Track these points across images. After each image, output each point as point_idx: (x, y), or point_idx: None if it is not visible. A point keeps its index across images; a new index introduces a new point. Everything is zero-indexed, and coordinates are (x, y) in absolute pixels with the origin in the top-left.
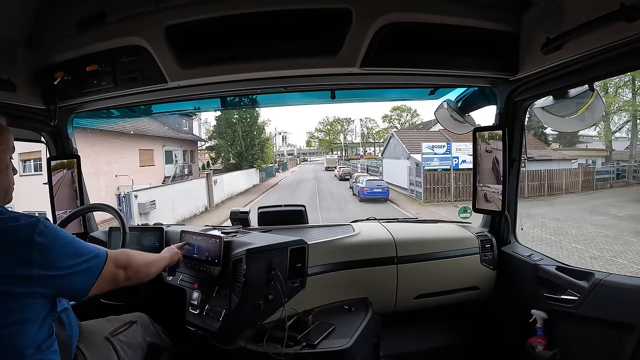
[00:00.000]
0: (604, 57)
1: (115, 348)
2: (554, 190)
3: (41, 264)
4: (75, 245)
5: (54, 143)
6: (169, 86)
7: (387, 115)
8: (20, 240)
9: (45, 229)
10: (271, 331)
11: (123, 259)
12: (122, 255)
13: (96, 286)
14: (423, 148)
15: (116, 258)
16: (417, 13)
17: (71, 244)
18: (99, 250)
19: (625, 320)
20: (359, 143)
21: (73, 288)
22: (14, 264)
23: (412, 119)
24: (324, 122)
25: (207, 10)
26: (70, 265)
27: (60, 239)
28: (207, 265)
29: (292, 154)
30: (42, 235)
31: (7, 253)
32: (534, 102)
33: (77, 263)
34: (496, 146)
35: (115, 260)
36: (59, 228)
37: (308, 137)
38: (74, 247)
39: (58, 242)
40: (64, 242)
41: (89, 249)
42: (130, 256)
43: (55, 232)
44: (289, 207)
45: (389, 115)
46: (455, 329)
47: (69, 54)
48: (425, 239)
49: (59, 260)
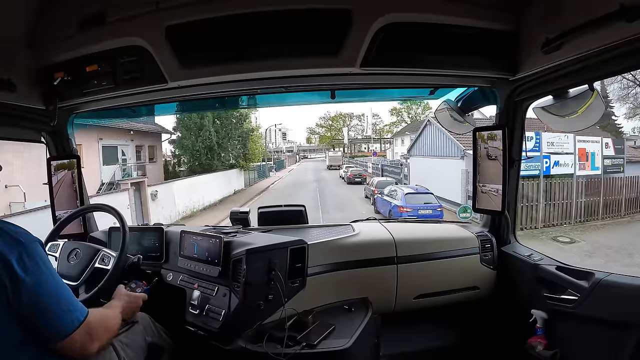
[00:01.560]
0: (604, 57)
1: (116, 349)
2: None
3: (14, 290)
4: (57, 284)
5: (54, 143)
6: (169, 86)
7: (396, 108)
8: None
9: (27, 260)
10: (271, 331)
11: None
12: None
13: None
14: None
15: (91, 327)
16: (417, 13)
17: (53, 281)
18: (81, 307)
19: (625, 320)
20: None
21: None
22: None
23: (423, 112)
24: (325, 118)
25: (207, 10)
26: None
27: (42, 271)
28: (207, 265)
29: (292, 151)
30: (22, 268)
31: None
32: (533, 102)
33: (53, 302)
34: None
35: (89, 329)
36: (42, 261)
37: (308, 133)
38: (55, 285)
39: (38, 281)
40: (45, 275)
41: (71, 298)
42: (108, 327)
43: (38, 267)
44: (289, 207)
45: (398, 108)
46: (455, 329)
47: (69, 54)
48: (425, 239)
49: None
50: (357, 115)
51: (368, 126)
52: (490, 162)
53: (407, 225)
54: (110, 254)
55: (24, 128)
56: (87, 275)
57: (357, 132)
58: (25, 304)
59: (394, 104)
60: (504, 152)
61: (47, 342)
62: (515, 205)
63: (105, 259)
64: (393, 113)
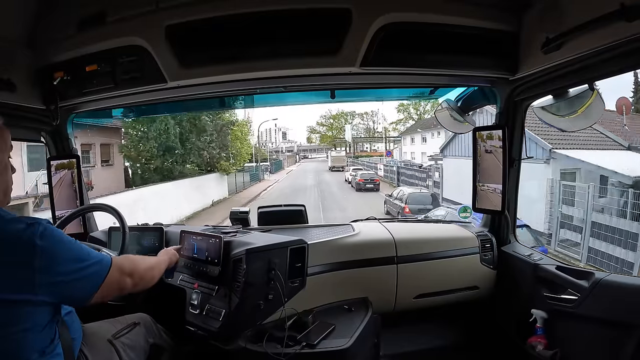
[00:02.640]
0: (604, 57)
1: (118, 350)
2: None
3: (43, 269)
4: (78, 250)
5: (54, 143)
6: (169, 86)
7: (403, 104)
8: (21, 244)
9: (46, 232)
10: (271, 331)
11: (128, 265)
12: (126, 261)
13: (101, 293)
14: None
15: (121, 265)
16: (416, 13)
17: (74, 249)
18: (103, 256)
19: (625, 320)
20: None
21: (76, 294)
22: (15, 270)
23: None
24: (326, 116)
25: (207, 10)
26: (73, 270)
27: (62, 243)
28: (207, 265)
29: (292, 151)
30: (44, 239)
31: (8, 257)
32: (533, 102)
33: (80, 268)
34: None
35: (121, 267)
36: (60, 231)
37: (308, 132)
38: (77, 251)
39: (60, 246)
40: (66, 246)
41: (92, 255)
42: (135, 262)
43: (57, 235)
44: (288, 207)
45: (405, 104)
46: (455, 328)
47: (69, 54)
48: (425, 238)
49: (62, 265)
50: (360, 114)
51: (378, 121)
52: (490, 161)
53: (407, 225)
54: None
55: (24, 128)
56: None
57: (359, 131)
58: (54, 284)
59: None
60: (504, 152)
61: (83, 301)
62: (515, 205)
63: None
64: (400, 110)
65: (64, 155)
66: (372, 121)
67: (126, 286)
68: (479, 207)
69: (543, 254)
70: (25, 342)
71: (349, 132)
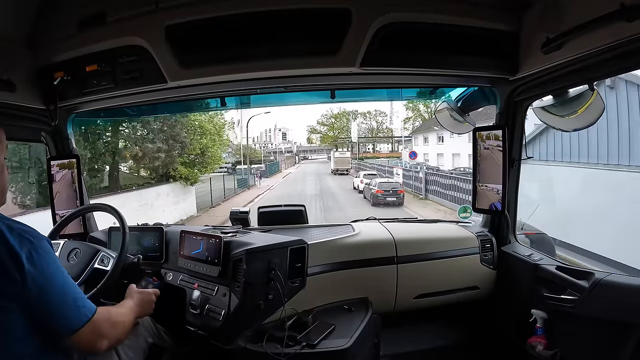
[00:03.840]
0: (604, 57)
1: (117, 351)
2: None
3: (24, 284)
4: (65, 280)
5: (54, 143)
6: (169, 86)
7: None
8: (9, 254)
9: (36, 256)
10: (271, 331)
11: (106, 326)
12: (106, 323)
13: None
14: None
15: (98, 325)
16: (416, 13)
17: (61, 276)
18: (89, 303)
19: (625, 320)
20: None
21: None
22: (2, 278)
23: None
24: (327, 115)
25: (207, 10)
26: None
27: (50, 265)
28: (207, 265)
29: (291, 152)
30: (31, 263)
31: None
32: (534, 102)
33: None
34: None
35: (97, 327)
36: (51, 258)
37: (308, 132)
38: (63, 281)
39: (48, 267)
40: (53, 270)
41: (77, 292)
42: (116, 323)
43: (46, 264)
44: (288, 207)
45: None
46: (455, 328)
47: (69, 54)
48: (425, 238)
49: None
50: (362, 113)
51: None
52: (490, 162)
53: (407, 225)
54: (110, 255)
55: (24, 128)
56: (87, 276)
57: (361, 131)
58: (34, 299)
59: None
60: (504, 152)
61: (56, 337)
62: (515, 205)
63: (105, 260)
64: (408, 107)
65: (63, 155)
66: (375, 121)
67: (101, 348)
68: (479, 207)
69: (543, 254)
70: (24, 339)
71: (355, 130)
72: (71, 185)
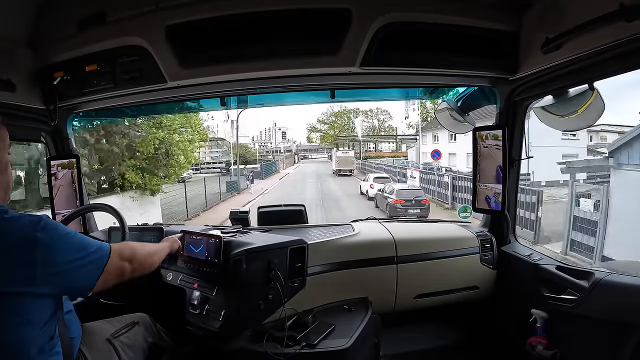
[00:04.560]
0: (604, 57)
1: (117, 350)
2: None
3: (44, 261)
4: (78, 240)
5: (54, 143)
6: (169, 86)
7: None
8: (22, 239)
9: (47, 225)
10: (271, 331)
11: (127, 251)
12: (125, 247)
13: (102, 280)
14: None
15: (120, 250)
16: (416, 13)
17: (73, 239)
18: (102, 244)
19: (625, 320)
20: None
21: (78, 284)
22: (17, 264)
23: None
24: (327, 113)
25: (207, 10)
26: (74, 260)
27: (61, 235)
28: (207, 265)
29: (290, 151)
30: (44, 232)
31: (9, 252)
32: (534, 102)
33: (80, 257)
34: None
35: (120, 253)
36: (60, 224)
37: (308, 130)
38: (77, 241)
39: (60, 237)
40: (65, 237)
41: (91, 243)
42: (134, 248)
43: (56, 227)
44: (288, 206)
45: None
46: (455, 328)
47: (69, 54)
48: (425, 238)
49: (62, 256)
50: (364, 111)
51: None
52: (490, 161)
53: (407, 225)
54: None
55: (24, 128)
56: None
57: (362, 130)
58: (60, 271)
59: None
60: (504, 152)
61: (85, 291)
62: (515, 205)
63: None
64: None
65: (63, 155)
66: (377, 119)
67: (125, 271)
68: (479, 207)
69: (543, 254)
70: (24, 336)
71: (359, 127)
72: (71, 185)
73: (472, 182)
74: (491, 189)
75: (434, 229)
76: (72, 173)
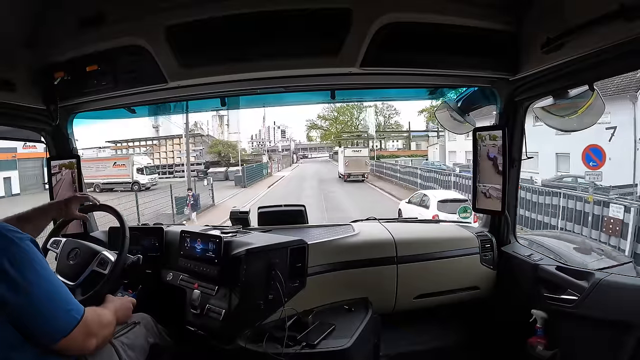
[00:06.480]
0: (604, 57)
1: (117, 350)
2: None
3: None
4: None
5: (54, 143)
6: (169, 86)
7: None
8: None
9: (19, 260)
10: (271, 331)
11: (96, 325)
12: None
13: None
14: None
15: (89, 323)
16: (417, 13)
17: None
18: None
19: (625, 320)
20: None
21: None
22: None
23: None
24: (329, 109)
25: (207, 10)
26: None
27: (38, 276)
28: (207, 265)
29: (288, 149)
30: (13, 266)
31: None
32: (534, 102)
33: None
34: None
35: (89, 326)
36: (35, 261)
37: (308, 127)
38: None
39: (34, 278)
40: (40, 284)
41: (69, 296)
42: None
43: (31, 268)
44: (288, 207)
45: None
46: (456, 328)
47: (69, 54)
48: (425, 238)
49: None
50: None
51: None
52: (490, 162)
53: (407, 225)
54: (109, 259)
55: (24, 128)
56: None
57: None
58: (21, 305)
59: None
60: (504, 152)
61: (47, 343)
62: (515, 205)
63: (103, 263)
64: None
65: (64, 155)
66: (382, 115)
67: (90, 347)
68: (479, 207)
69: (543, 255)
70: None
71: (373, 120)
72: (71, 185)
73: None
74: (491, 189)
75: (434, 229)
76: (72, 173)
